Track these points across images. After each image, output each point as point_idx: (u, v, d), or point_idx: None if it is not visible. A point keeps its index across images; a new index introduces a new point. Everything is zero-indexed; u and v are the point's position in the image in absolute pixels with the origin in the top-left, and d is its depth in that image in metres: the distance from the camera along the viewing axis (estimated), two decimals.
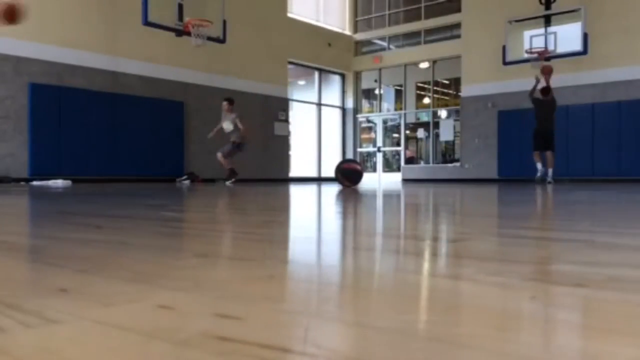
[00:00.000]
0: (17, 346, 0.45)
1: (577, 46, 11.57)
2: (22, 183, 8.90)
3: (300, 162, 15.98)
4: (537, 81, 10.33)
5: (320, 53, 15.93)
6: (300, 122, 16.20)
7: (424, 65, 16.41)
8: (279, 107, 14.41)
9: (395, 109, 17.39)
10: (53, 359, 0.42)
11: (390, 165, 17.17)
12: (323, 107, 16.71)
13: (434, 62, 16.09)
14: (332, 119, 17.28)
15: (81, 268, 0.86)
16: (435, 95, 16.48)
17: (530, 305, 0.62)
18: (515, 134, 13.65)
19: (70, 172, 9.88)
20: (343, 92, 17.47)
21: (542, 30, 12.35)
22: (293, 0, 15.23)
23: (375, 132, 17.61)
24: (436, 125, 16.27)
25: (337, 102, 17.42)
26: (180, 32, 9.78)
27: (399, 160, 16.72)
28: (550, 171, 10.67)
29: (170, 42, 10.87)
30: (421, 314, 0.59)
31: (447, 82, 16.67)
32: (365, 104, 17.94)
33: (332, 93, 17.29)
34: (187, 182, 10.78)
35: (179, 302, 0.61)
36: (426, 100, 16.78)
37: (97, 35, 10.58)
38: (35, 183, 8.35)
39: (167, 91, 11.72)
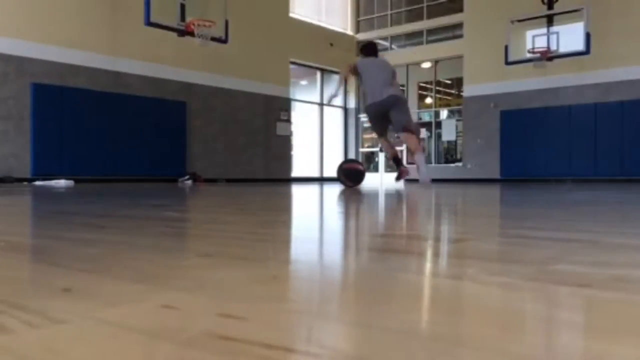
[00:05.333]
0: (21, 346, 0.45)
1: (580, 46, 11.55)
2: (25, 183, 8.91)
3: (302, 162, 15.98)
4: None
5: (322, 53, 15.92)
6: (303, 122, 16.21)
7: (426, 65, 16.40)
8: (281, 107, 14.41)
9: None
10: (57, 358, 0.43)
11: (392, 165, 17.18)
12: (325, 107, 16.71)
13: (436, 62, 16.08)
14: (334, 119, 17.28)
15: (85, 268, 0.86)
16: (438, 95, 16.47)
17: (533, 305, 0.62)
18: (518, 134, 13.64)
19: (73, 172, 9.89)
20: (345, 92, 17.47)
21: (544, 30, 12.33)
22: (295, 0, 15.23)
23: None
24: (438, 125, 16.27)
25: (339, 102, 17.42)
26: (183, 33, 9.79)
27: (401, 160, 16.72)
28: None
29: (172, 43, 10.88)
30: (424, 313, 0.59)
31: (449, 82, 16.66)
32: None
33: None
34: (189, 182, 10.79)
35: (182, 302, 0.61)
36: (428, 100, 16.78)
37: (100, 36, 10.60)
38: (37, 183, 8.37)
39: (169, 91, 11.73)
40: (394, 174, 7.43)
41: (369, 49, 7.32)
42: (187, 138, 12.04)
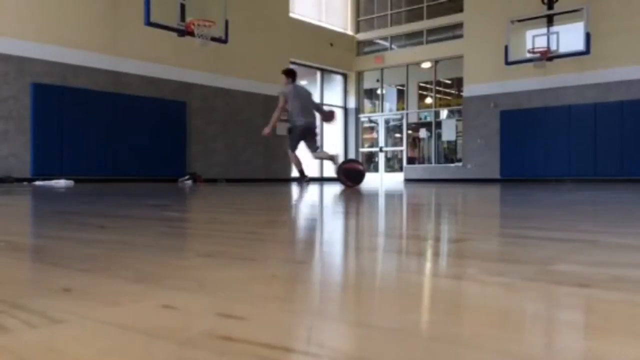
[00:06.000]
0: (21, 346, 0.45)
1: (580, 46, 11.55)
2: (25, 183, 8.91)
3: (302, 162, 15.95)
4: None
5: (322, 53, 15.92)
6: None
7: (426, 65, 16.39)
8: None
9: (398, 109, 17.38)
10: (57, 358, 0.43)
11: (392, 165, 17.17)
12: (325, 107, 16.71)
13: (436, 62, 16.08)
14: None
15: (85, 268, 0.86)
16: (438, 95, 16.46)
17: (533, 305, 0.62)
18: (518, 134, 13.64)
19: (73, 172, 9.89)
20: (345, 92, 17.46)
21: (544, 30, 12.33)
22: (295, 0, 15.22)
23: (377, 132, 17.60)
24: (438, 125, 16.26)
25: (339, 102, 17.42)
26: (183, 33, 9.79)
27: (401, 160, 16.72)
28: None
29: (172, 43, 10.88)
30: (424, 313, 0.59)
31: (449, 82, 16.65)
32: (367, 104, 17.94)
33: (334, 93, 17.28)
34: (189, 182, 10.79)
35: (182, 302, 0.61)
36: (428, 100, 16.77)
37: (100, 36, 10.60)
38: (38, 183, 8.37)
39: (169, 91, 11.73)
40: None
41: (295, 74, 8.23)
42: (187, 138, 12.04)
